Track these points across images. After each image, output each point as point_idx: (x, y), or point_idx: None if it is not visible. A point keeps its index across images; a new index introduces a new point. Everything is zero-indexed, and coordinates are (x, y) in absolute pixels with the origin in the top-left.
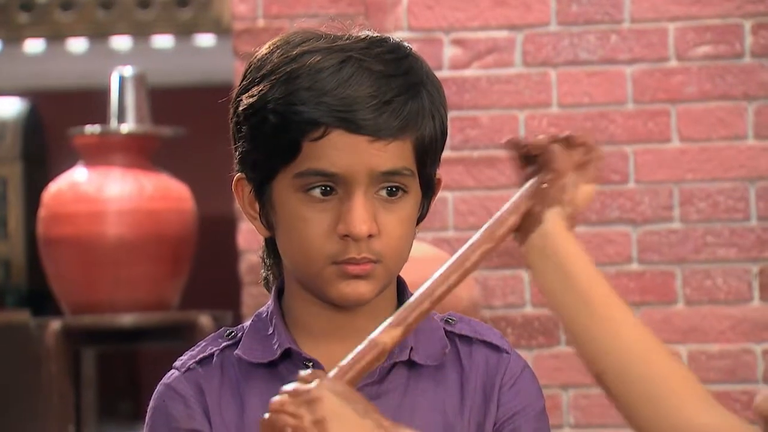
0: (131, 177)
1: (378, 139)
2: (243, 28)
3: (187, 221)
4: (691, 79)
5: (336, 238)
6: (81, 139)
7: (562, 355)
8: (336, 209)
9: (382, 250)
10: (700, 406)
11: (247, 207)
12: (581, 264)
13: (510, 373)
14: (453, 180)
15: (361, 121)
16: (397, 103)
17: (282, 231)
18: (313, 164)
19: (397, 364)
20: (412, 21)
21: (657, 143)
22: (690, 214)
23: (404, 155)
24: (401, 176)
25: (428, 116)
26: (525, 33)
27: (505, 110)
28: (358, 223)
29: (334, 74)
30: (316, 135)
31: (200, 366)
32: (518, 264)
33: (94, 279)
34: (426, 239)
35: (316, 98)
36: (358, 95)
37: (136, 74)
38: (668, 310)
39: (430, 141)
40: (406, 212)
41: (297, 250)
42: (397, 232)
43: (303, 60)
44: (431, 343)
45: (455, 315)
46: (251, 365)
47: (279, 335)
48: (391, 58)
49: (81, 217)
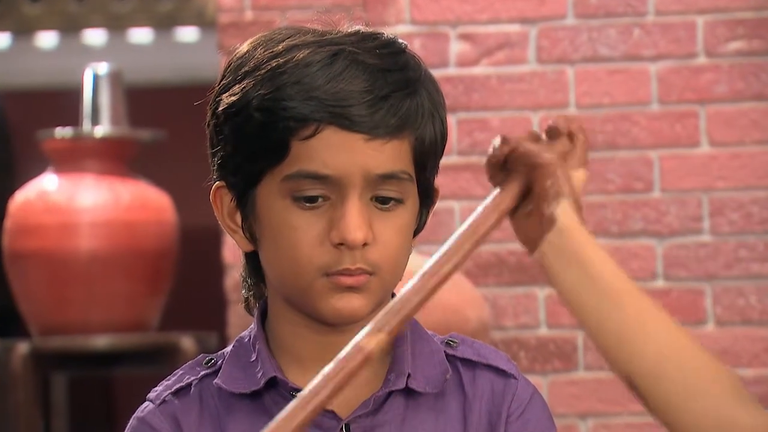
0: (106, 185)
1: (374, 138)
2: (229, 21)
3: (167, 234)
4: (721, 77)
5: (328, 248)
6: (51, 143)
7: (581, 381)
8: (328, 216)
9: (377, 260)
10: (740, 404)
11: (226, 219)
12: (603, 261)
13: (518, 400)
14: (460, 188)
15: (356, 117)
16: (394, 99)
17: (267, 242)
18: (303, 166)
19: (394, 393)
20: (416, 13)
21: (684, 148)
22: (721, 225)
23: (402, 157)
24: (398, 181)
25: (428, 116)
26: (539, 27)
27: (517, 112)
28: (353, 230)
29: (324, 68)
30: (307, 133)
31: (176, 397)
32: (531, 281)
33: (65, 297)
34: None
35: (306, 93)
36: (352, 89)
37: (112, 71)
38: (697, 331)
39: (430, 144)
40: (403, 221)
41: (285, 262)
42: (393, 242)
43: (290, 54)
44: (430, 368)
45: (457, 336)
46: (233, 396)
47: (263, 362)
48: (387, 53)
49: (51, 230)
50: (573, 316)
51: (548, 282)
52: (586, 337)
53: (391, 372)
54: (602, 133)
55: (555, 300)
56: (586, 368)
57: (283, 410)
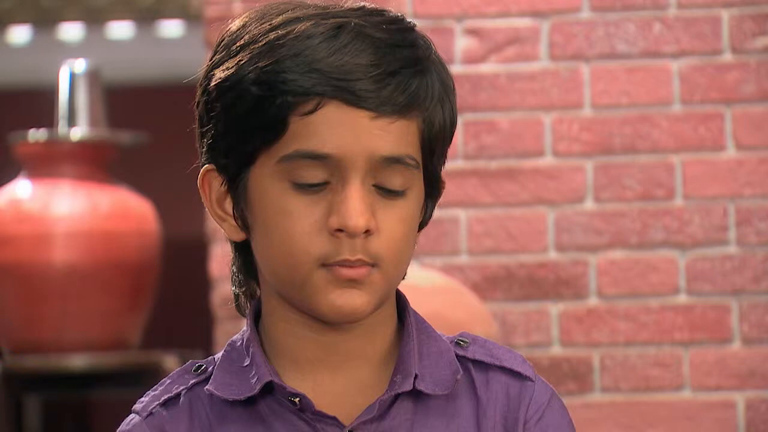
0: (83, 192)
1: (380, 116)
2: (216, 15)
3: (149, 245)
4: (749, 75)
5: (326, 236)
6: (23, 146)
7: (597, 404)
8: (327, 201)
9: (380, 251)
10: None
11: (214, 206)
12: None
13: (536, 404)
14: (466, 195)
15: (361, 92)
16: (403, 75)
17: (260, 231)
18: (303, 145)
19: (401, 396)
20: (418, 6)
21: (709, 152)
22: (748, 236)
23: (409, 141)
24: (404, 167)
25: (438, 99)
26: (552, 21)
27: (528, 113)
28: (355, 215)
29: (328, 40)
30: (307, 108)
31: (165, 408)
32: (543, 295)
33: (39, 314)
34: (435, 266)
35: (308, 66)
36: (358, 62)
37: (89, 69)
38: (723, 350)
39: (440, 128)
40: (408, 211)
41: (279, 252)
42: (397, 233)
43: (290, 27)
44: (439, 368)
45: (467, 335)
46: (226, 403)
47: (257, 367)
48: (395, 28)
49: (23, 241)
50: None
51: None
52: (602, 356)
53: (396, 373)
54: (620, 136)
55: (569, 316)
56: (602, 390)
57: None
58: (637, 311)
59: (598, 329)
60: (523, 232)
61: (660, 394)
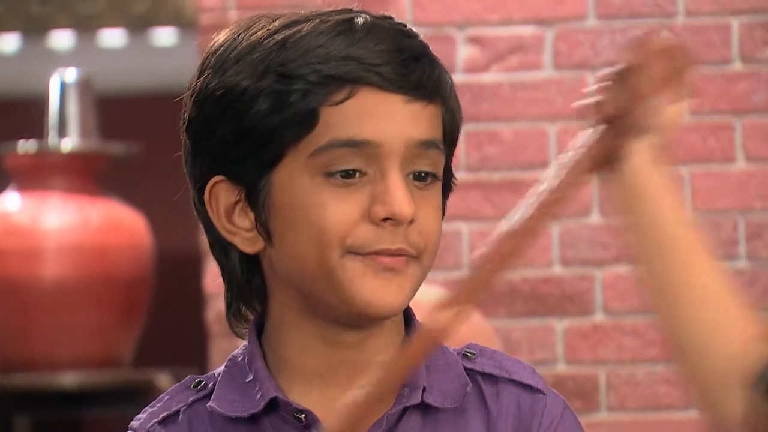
0: (74, 205)
1: (414, 100)
2: (210, 23)
3: (142, 259)
4: (759, 85)
5: (367, 225)
6: (12, 158)
7: (603, 423)
8: (365, 192)
9: (419, 242)
10: (739, 385)
11: (223, 220)
12: (661, 206)
13: (548, 417)
14: (468, 208)
15: (395, 75)
16: (425, 60)
17: (287, 231)
18: (338, 134)
19: (409, 410)
20: (419, 14)
21: (719, 164)
22: (759, 250)
23: (438, 127)
24: (437, 152)
25: (452, 90)
26: (556, 28)
27: (531, 123)
28: (403, 203)
29: (343, 33)
30: (340, 97)
31: (163, 426)
32: (548, 312)
33: (28, 330)
34: (436, 280)
35: (332, 55)
36: (381, 49)
37: (80, 78)
38: None
39: (457, 120)
40: (439, 201)
41: (307, 246)
42: (434, 223)
43: (294, 27)
44: (448, 380)
45: (475, 347)
46: (228, 420)
47: (261, 382)
48: (399, 23)
49: (12, 255)
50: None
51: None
52: (609, 374)
53: (404, 386)
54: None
55: (574, 332)
56: (608, 409)
57: None
58: (644, 327)
59: (605, 346)
60: None
61: (668, 413)
